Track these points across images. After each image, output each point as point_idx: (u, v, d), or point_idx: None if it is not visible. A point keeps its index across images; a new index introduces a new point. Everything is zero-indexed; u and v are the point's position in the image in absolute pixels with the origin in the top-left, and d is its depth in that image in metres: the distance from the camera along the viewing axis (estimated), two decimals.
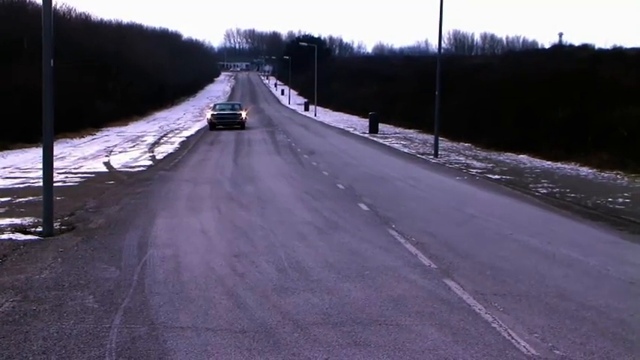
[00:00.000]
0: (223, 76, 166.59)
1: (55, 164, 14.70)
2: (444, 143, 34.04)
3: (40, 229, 12.44)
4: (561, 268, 9.66)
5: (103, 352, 6.38)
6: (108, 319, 7.34)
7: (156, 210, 14.86)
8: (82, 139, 41.93)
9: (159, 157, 30.78)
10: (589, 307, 7.78)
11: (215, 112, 49.98)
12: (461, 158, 28.48)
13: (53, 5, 12.71)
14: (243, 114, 49.62)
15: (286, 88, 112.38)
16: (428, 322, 7.18)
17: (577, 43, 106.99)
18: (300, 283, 8.74)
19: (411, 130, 46.82)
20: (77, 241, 11.52)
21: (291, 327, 7.05)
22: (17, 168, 25.51)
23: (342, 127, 52.71)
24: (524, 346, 6.52)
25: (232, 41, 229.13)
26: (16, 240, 11.74)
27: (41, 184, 12.73)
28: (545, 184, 19.85)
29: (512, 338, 6.73)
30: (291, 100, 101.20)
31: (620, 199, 16.80)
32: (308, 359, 6.22)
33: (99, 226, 12.98)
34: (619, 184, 19.96)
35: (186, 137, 43.68)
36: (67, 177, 22.05)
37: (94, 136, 44.87)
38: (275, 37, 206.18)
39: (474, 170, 23.84)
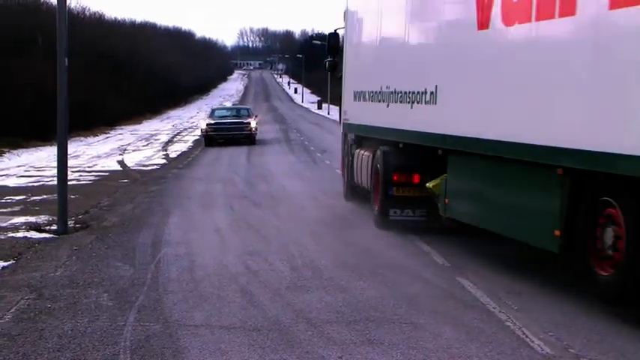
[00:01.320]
0: (237, 74, 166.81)
1: (70, 163, 14.78)
2: None
3: (54, 227, 12.50)
4: None
5: (117, 350, 6.39)
6: (122, 316, 7.35)
7: (169, 208, 14.89)
8: (96, 138, 42.17)
9: (172, 155, 30.91)
10: None
11: (212, 121, 35.57)
12: None
13: (67, 4, 12.76)
14: (253, 122, 35.64)
15: (299, 87, 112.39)
16: (442, 321, 7.16)
17: None
18: (314, 281, 8.73)
19: None
20: (91, 240, 11.56)
21: (304, 325, 7.05)
22: (32, 166, 25.68)
23: None
24: None
25: (245, 40, 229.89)
26: (30, 238, 11.80)
27: (55, 182, 12.79)
28: None
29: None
30: (304, 98, 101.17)
31: None
32: (322, 357, 6.21)
33: (113, 225, 13.03)
34: None
35: (200, 135, 43.81)
36: (81, 175, 22.17)
37: (108, 135, 45.10)
38: (288, 35, 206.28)
39: None
